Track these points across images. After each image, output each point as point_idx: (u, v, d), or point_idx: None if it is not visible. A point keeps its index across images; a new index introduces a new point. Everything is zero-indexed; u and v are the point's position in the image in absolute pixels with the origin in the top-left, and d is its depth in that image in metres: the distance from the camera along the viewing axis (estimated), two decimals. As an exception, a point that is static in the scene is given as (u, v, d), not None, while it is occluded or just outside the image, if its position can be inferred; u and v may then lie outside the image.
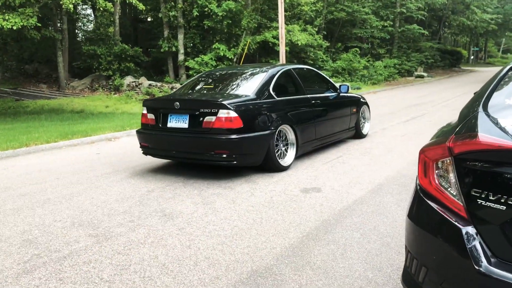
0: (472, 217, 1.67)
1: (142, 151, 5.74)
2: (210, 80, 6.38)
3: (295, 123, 5.67)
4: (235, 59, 19.52)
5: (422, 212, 1.91)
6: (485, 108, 1.99)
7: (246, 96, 5.26)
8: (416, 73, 28.43)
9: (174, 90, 18.03)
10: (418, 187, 1.98)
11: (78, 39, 26.49)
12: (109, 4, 13.77)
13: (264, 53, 21.30)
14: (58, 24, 20.21)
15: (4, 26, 10.47)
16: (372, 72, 23.76)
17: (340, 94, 7.01)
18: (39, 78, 21.95)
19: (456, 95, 15.56)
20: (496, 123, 1.83)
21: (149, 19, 25.87)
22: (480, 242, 1.62)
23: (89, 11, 27.12)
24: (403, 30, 29.43)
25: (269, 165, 5.31)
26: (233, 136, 4.83)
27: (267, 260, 2.93)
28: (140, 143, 5.70)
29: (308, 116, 6.05)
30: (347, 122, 7.10)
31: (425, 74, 28.45)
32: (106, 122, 10.56)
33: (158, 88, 18.92)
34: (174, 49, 20.48)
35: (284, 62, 17.12)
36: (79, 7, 24.74)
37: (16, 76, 21.80)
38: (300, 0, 21.32)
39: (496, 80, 2.25)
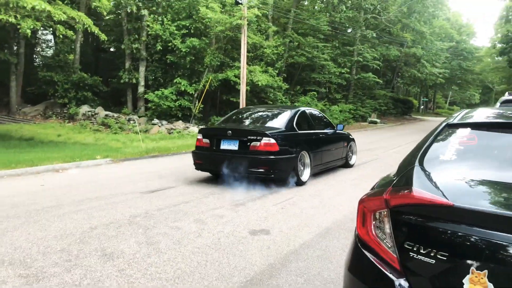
0: (405, 270, 1.70)
1: (195, 167, 7.39)
2: (247, 116, 8.17)
3: (310, 150, 7.49)
4: (195, 95, 19.59)
5: (359, 262, 1.92)
6: (421, 163, 2.08)
7: (279, 128, 7.12)
8: (369, 119, 29.63)
9: (132, 122, 17.85)
10: (357, 237, 2.00)
11: (36, 64, 25.74)
12: (70, 32, 13.59)
13: (226, 91, 21.55)
14: (15, 48, 19.63)
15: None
16: (328, 116, 24.54)
17: (337, 131, 8.89)
18: (-12, 101, 20.95)
19: (407, 142, 16.28)
20: (430, 178, 1.91)
21: (111, 49, 25.65)
22: None
23: (50, 36, 26.56)
24: (359, 78, 30.91)
25: (294, 179, 7.07)
26: (272, 157, 6.61)
27: (208, 306, 2.83)
28: (194, 161, 7.36)
29: (318, 146, 7.92)
30: (341, 153, 9.01)
31: (378, 120, 29.71)
32: (56, 152, 10.15)
33: (115, 119, 18.56)
34: (134, 80, 20.32)
35: (244, 101, 17.39)
36: (39, 32, 24.23)
37: (-36, 98, 20.72)
38: (262, 42, 22.00)
39: (433, 135, 2.37)
